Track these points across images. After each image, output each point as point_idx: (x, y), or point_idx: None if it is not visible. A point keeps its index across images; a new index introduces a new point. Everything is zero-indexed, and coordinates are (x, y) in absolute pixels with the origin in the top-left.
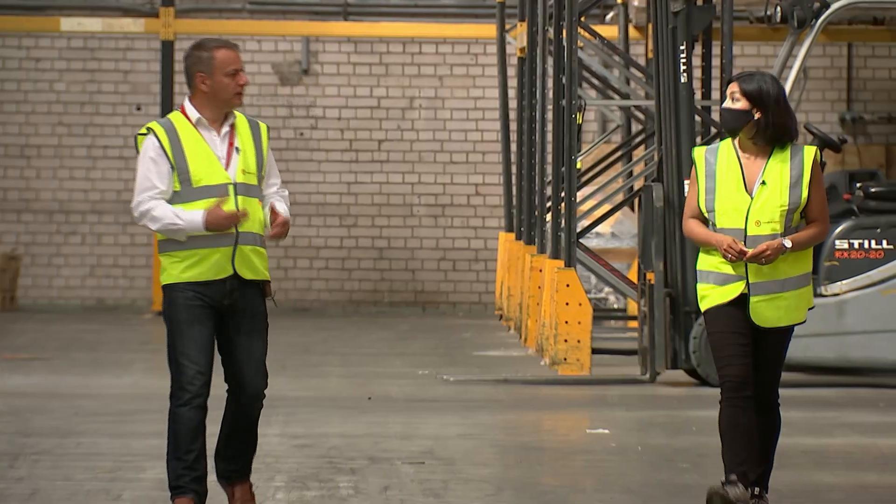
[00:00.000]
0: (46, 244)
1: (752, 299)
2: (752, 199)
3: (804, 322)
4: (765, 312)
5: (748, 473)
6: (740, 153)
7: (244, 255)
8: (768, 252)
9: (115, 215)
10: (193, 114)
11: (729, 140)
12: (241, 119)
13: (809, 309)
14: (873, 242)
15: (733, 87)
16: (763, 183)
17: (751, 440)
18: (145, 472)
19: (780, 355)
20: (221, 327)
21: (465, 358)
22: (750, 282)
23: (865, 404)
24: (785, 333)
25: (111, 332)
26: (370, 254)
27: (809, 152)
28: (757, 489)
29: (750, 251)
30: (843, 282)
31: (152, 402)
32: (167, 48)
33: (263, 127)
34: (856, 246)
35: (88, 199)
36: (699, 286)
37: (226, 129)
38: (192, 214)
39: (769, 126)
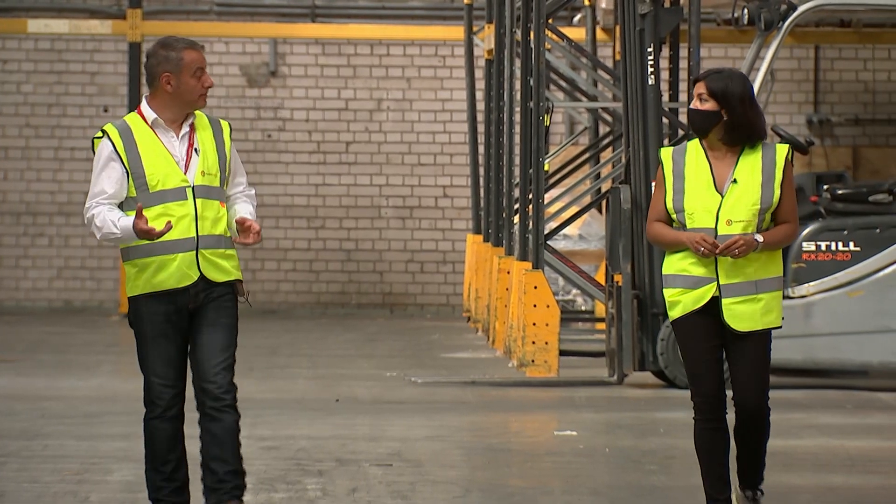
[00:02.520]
0: (13, 246)
1: (725, 301)
2: (722, 197)
3: (780, 328)
4: (740, 315)
5: (730, 497)
6: (709, 152)
7: (208, 260)
8: (741, 243)
9: (83, 217)
10: (150, 115)
11: (697, 140)
12: (201, 118)
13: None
14: (840, 244)
15: (700, 88)
16: (734, 181)
17: (727, 460)
18: (112, 474)
19: (764, 359)
20: (189, 329)
21: (433, 360)
22: (721, 283)
23: (833, 406)
24: (765, 336)
25: (78, 334)
26: (338, 256)
27: (782, 151)
28: (750, 492)
29: (721, 245)
30: (811, 284)
31: (119, 404)
32: (134, 50)
33: (225, 125)
34: (823, 248)
35: (56, 201)
36: (667, 292)
37: (185, 129)
38: (126, 222)
39: (738, 126)
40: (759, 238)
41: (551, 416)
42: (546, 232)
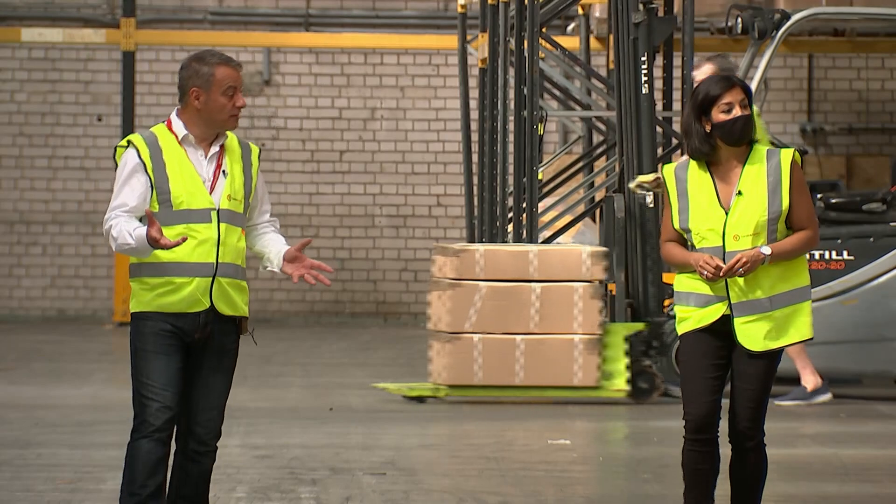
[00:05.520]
0: (7, 255)
1: (737, 321)
2: (727, 213)
3: (811, 338)
4: (753, 334)
5: None
6: (711, 167)
7: (223, 289)
8: (744, 261)
9: (76, 226)
10: (180, 129)
11: None
12: (232, 140)
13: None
14: (834, 253)
15: (738, 93)
16: (739, 193)
17: (712, 484)
18: (106, 482)
19: (766, 384)
20: (188, 361)
21: (427, 369)
22: (732, 302)
23: (827, 415)
24: (773, 359)
25: (72, 342)
26: (332, 264)
27: (787, 155)
28: None
29: (724, 266)
30: None
31: (113, 413)
32: (128, 59)
33: (255, 150)
34: (816, 257)
35: (49, 210)
36: (677, 309)
37: (215, 149)
38: (141, 231)
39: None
40: (766, 251)
41: (545, 425)
42: (540, 241)
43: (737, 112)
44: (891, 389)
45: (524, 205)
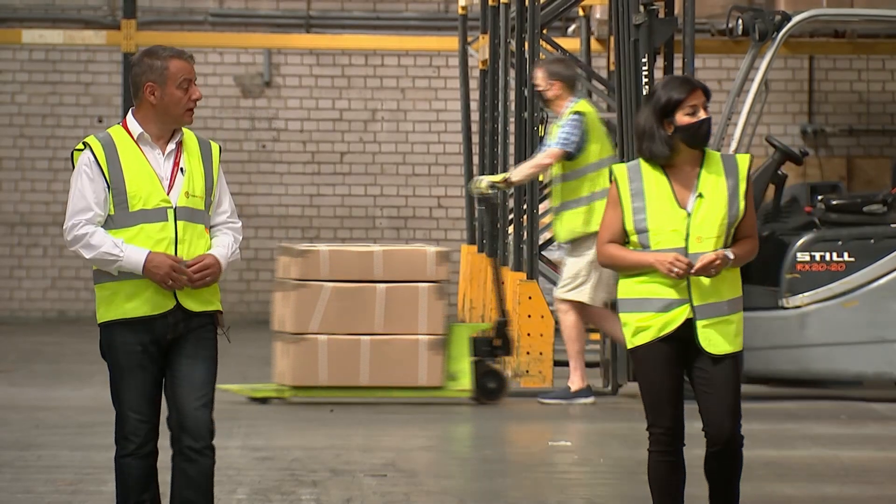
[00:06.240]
0: (8, 256)
1: (700, 323)
2: (689, 214)
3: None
4: (714, 338)
5: None
6: (666, 168)
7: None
8: (717, 261)
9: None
10: (136, 128)
11: None
12: (189, 137)
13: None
14: (835, 255)
15: (700, 96)
16: (700, 196)
17: (682, 491)
18: (107, 484)
19: (736, 384)
20: (165, 361)
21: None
22: (695, 304)
23: (827, 416)
24: (736, 359)
25: (72, 344)
26: None
27: (744, 161)
28: None
29: (697, 264)
30: (805, 294)
31: (113, 415)
32: (129, 60)
33: (215, 147)
34: (817, 258)
35: (50, 212)
36: (632, 317)
37: (171, 146)
38: (136, 252)
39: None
40: (731, 255)
41: (546, 427)
42: (540, 242)
43: (701, 115)
44: (891, 391)
45: (525, 206)
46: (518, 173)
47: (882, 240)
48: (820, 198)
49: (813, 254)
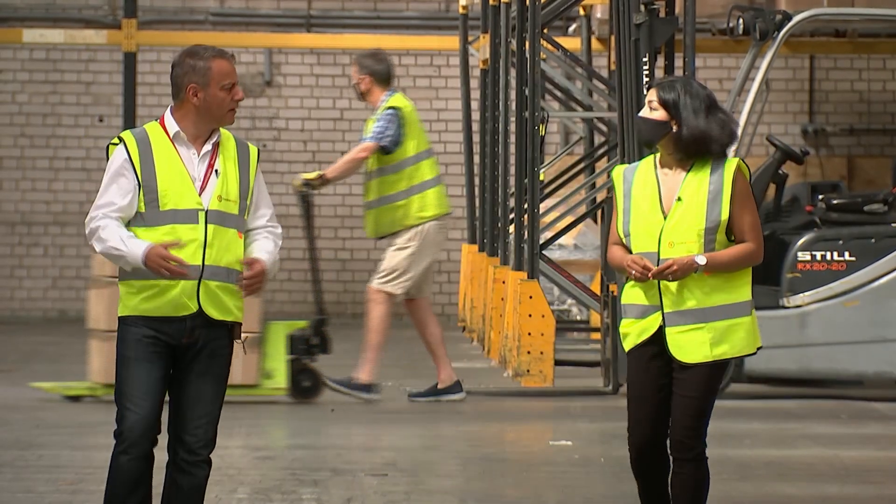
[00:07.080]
0: (9, 256)
1: (669, 330)
2: (665, 218)
3: (754, 353)
4: (685, 345)
5: None
6: (659, 169)
7: (211, 292)
8: (675, 268)
9: (78, 227)
10: (172, 127)
11: (652, 157)
12: (227, 139)
13: (759, 348)
14: (835, 254)
15: (651, 95)
16: (679, 199)
17: (667, 480)
18: None
19: (704, 394)
20: (174, 367)
21: (429, 370)
22: (665, 311)
23: (828, 416)
24: (712, 370)
25: (73, 344)
26: (333, 265)
27: (731, 165)
28: None
29: (653, 269)
30: (806, 293)
31: (114, 415)
32: (129, 59)
33: (254, 150)
34: (818, 258)
35: (51, 211)
36: (622, 322)
37: (207, 147)
38: (137, 245)
39: (690, 140)
40: (701, 260)
41: (546, 426)
42: (541, 241)
43: (645, 112)
44: (892, 391)
45: (525, 206)
46: (333, 170)
47: (883, 239)
48: (821, 197)
49: (814, 253)
